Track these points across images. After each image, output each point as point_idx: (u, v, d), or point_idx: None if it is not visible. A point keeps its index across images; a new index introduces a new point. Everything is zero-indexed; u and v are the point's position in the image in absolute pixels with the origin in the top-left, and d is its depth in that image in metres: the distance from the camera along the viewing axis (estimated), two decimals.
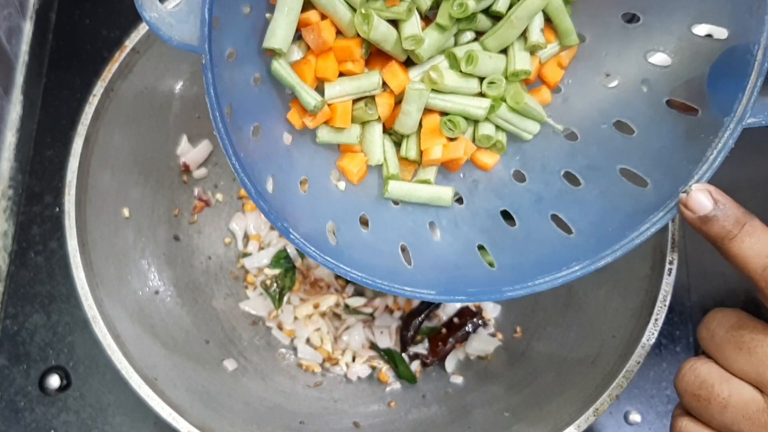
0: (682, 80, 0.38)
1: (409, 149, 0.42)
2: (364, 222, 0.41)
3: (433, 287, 0.38)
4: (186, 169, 0.63)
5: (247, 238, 0.66)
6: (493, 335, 0.63)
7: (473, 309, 0.63)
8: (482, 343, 0.62)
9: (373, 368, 0.62)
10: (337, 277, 0.65)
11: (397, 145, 0.43)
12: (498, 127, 0.42)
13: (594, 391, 0.49)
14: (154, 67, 0.57)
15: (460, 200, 0.43)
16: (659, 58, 0.39)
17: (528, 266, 0.38)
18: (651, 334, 0.49)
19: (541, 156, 0.42)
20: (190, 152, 0.63)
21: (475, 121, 0.42)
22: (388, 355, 0.62)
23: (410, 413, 0.58)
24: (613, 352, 0.51)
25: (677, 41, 0.38)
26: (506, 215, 0.42)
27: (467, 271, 0.40)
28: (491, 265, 0.40)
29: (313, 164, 0.41)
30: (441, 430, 0.55)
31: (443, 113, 0.41)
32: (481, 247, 0.41)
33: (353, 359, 0.62)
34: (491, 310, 0.64)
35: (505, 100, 0.41)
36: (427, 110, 0.41)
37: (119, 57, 0.53)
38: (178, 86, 0.60)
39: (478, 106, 0.41)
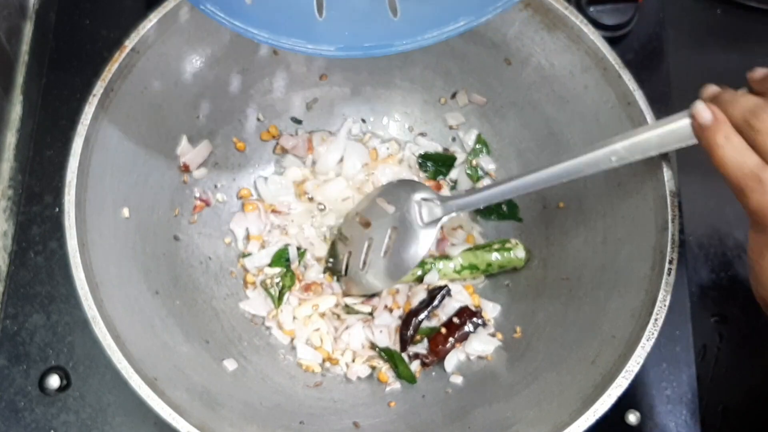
0: None
1: None
2: None
3: (333, 43, 0.41)
4: (186, 169, 0.63)
5: (247, 238, 0.66)
6: (492, 335, 0.63)
7: (473, 309, 0.63)
8: (482, 343, 0.62)
9: (373, 368, 0.62)
10: (329, 273, 0.65)
11: None
12: None
13: (594, 392, 0.49)
14: (153, 67, 0.57)
15: None
16: None
17: (423, 19, 0.41)
18: (651, 334, 0.49)
19: None
20: (190, 152, 0.63)
21: None
22: (387, 355, 0.62)
23: (410, 413, 0.58)
24: (612, 353, 0.51)
25: None
26: None
27: (372, 23, 0.42)
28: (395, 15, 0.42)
29: None
30: (441, 430, 0.55)
31: None
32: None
33: (353, 359, 0.62)
34: (491, 311, 0.64)
35: None
36: None
37: (119, 57, 0.54)
38: (178, 87, 0.60)
39: None
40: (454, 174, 0.69)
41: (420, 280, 0.64)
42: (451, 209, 0.60)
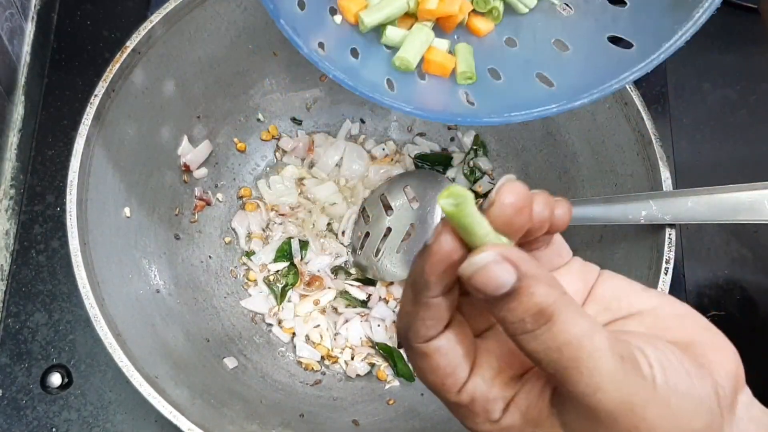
0: None
1: None
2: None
3: (410, 103, 0.39)
4: (186, 169, 0.64)
5: (249, 236, 0.67)
6: None
7: None
8: None
9: (372, 366, 0.62)
10: (335, 271, 0.65)
11: None
12: None
13: None
14: (154, 68, 0.57)
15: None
16: None
17: (507, 106, 0.40)
18: None
19: (534, 26, 0.44)
20: (191, 152, 0.63)
21: None
22: (386, 352, 0.62)
23: (409, 411, 0.59)
24: None
25: None
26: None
27: (449, 103, 0.42)
28: (471, 104, 0.42)
29: None
30: (439, 428, 0.56)
31: None
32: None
33: (352, 357, 0.63)
34: None
35: None
36: None
37: (120, 58, 0.54)
38: (179, 87, 0.60)
39: None
40: (451, 173, 0.69)
41: None
42: None
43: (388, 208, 0.64)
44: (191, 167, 0.64)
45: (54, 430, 0.59)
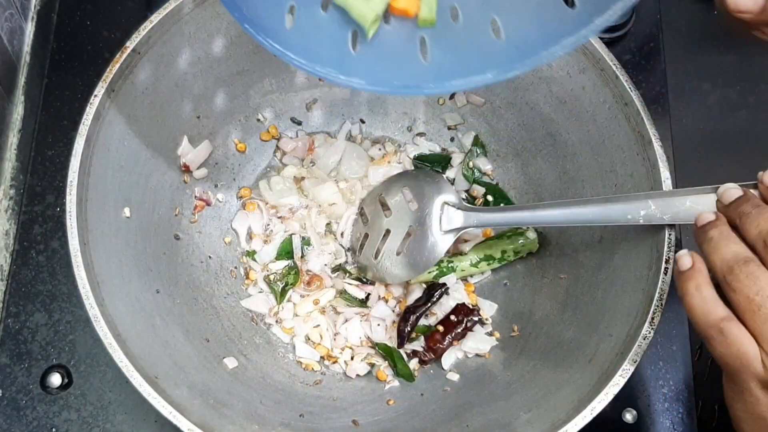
0: None
1: None
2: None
3: (364, 77, 0.42)
4: (186, 169, 0.64)
5: (250, 236, 0.67)
6: (490, 334, 0.63)
7: (470, 306, 0.64)
8: (479, 342, 0.62)
9: (372, 366, 0.62)
10: (335, 270, 0.65)
11: None
12: None
13: (591, 390, 0.49)
14: (154, 68, 0.57)
15: None
16: None
17: (451, 67, 0.42)
18: (648, 332, 0.49)
19: None
20: (191, 152, 0.63)
21: None
22: (385, 353, 0.62)
23: (409, 411, 0.59)
24: (610, 351, 0.51)
25: None
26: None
27: (403, 63, 0.44)
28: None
29: None
30: (439, 428, 0.56)
31: None
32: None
33: (351, 357, 0.63)
34: (488, 309, 0.64)
35: None
36: None
37: (120, 58, 0.54)
38: (179, 87, 0.60)
39: None
40: (450, 173, 0.69)
41: (436, 280, 0.64)
42: (472, 222, 0.59)
43: (386, 208, 0.64)
44: (191, 167, 0.64)
45: (54, 430, 0.59)
